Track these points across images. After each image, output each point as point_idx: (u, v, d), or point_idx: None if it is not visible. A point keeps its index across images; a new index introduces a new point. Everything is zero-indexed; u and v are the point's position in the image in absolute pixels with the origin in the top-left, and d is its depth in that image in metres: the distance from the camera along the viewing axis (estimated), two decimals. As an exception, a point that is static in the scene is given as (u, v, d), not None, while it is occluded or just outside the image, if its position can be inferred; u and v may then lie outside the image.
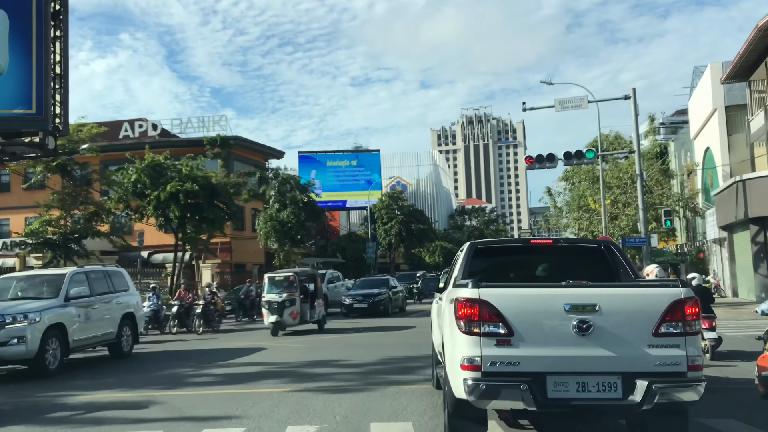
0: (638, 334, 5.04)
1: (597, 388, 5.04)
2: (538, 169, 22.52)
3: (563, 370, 5.06)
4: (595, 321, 5.01)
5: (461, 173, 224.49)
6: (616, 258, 6.76)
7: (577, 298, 5.13)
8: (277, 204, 42.34)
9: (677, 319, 5.04)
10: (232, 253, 45.00)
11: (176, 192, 29.38)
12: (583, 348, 5.03)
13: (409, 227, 59.69)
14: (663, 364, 5.00)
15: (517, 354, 5.06)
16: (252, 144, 48.34)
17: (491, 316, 5.11)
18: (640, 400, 4.91)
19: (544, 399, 5.02)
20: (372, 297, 25.91)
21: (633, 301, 5.19)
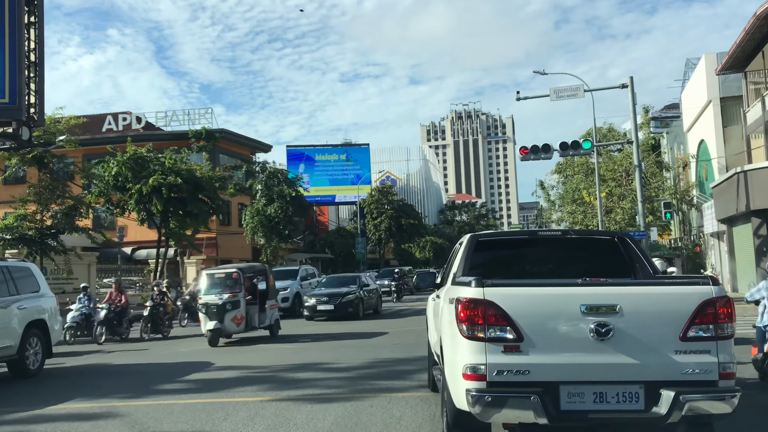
0: (664, 338, 4.50)
1: (616, 399, 4.51)
2: (533, 160, 21.74)
3: (579, 379, 4.52)
4: (615, 324, 4.47)
5: (451, 168, 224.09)
6: (632, 252, 6.11)
7: (594, 298, 4.56)
8: (264, 198, 41.38)
9: (708, 322, 4.47)
10: (217, 248, 43.98)
11: (159, 185, 28.41)
12: (601, 354, 4.48)
13: (399, 222, 58.91)
14: (692, 372, 4.45)
15: (527, 361, 4.53)
16: (239, 137, 47.28)
17: (498, 318, 4.55)
18: (666, 413, 4.38)
19: (557, 411, 4.49)
20: (339, 297, 21.96)
21: (658, 301, 4.59)
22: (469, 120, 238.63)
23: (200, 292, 16.37)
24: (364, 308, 22.70)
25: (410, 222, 60.09)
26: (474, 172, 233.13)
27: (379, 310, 24.53)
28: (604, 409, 4.49)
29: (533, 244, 6.88)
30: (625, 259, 6.12)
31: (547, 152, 21.28)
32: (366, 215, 59.27)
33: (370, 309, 23.68)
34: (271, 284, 17.05)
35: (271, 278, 17.32)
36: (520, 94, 22.52)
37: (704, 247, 35.05)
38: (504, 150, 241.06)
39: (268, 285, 16.81)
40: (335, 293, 22.22)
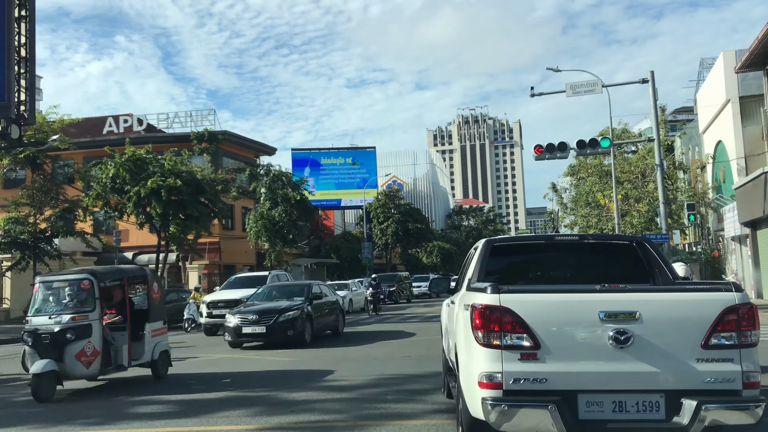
0: (685, 346, 4.37)
1: (636, 408, 4.39)
2: (548, 159, 20.61)
3: (598, 387, 4.40)
4: (635, 331, 4.36)
5: (458, 173, 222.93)
6: (651, 256, 5.89)
7: (614, 304, 4.46)
8: (268, 202, 40.35)
9: (731, 329, 4.34)
10: (220, 253, 42.98)
11: (157, 188, 27.43)
12: (620, 362, 4.37)
13: (405, 227, 57.76)
14: (714, 381, 4.32)
15: (544, 370, 4.41)
16: (242, 139, 46.32)
17: (514, 326, 4.44)
18: (687, 423, 4.24)
19: (575, 421, 4.35)
20: (274, 315, 15.42)
21: (679, 307, 4.47)
22: (476, 125, 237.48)
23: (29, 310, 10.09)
24: (314, 329, 16.28)
25: (417, 226, 58.92)
26: (481, 176, 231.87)
27: (339, 331, 18.19)
28: (623, 419, 4.36)
29: (550, 249, 6.65)
30: (645, 265, 5.90)
31: (563, 151, 20.17)
32: (372, 220, 58.17)
33: (327, 329, 17.61)
34: (156, 298, 11.04)
35: (156, 288, 11.18)
36: (534, 90, 21.44)
37: (724, 251, 33.77)
38: (511, 155, 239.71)
39: (150, 300, 10.91)
40: (269, 309, 15.70)
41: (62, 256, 25.43)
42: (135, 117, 43.43)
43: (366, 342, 15.72)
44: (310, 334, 15.87)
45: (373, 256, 55.43)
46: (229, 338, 15.62)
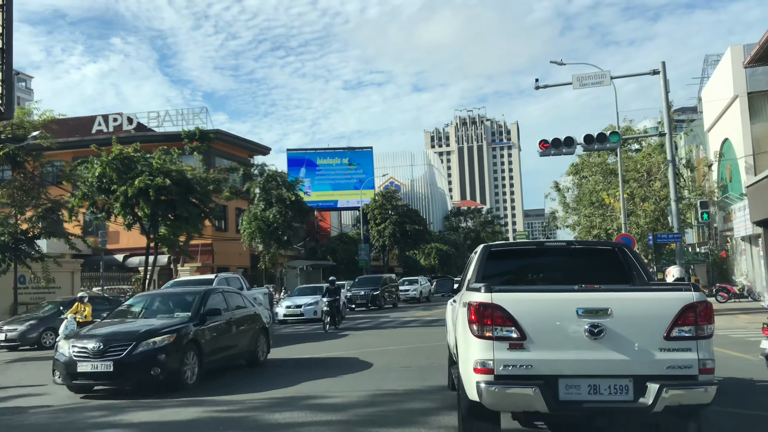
0: (650, 337, 5.01)
1: (609, 391, 5.02)
2: (554, 155, 19.57)
3: (575, 373, 5.02)
4: (608, 325, 5.00)
5: (455, 175, 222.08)
6: (630, 260, 6.65)
7: (589, 302, 5.12)
8: (263, 202, 39.28)
9: (689, 323, 5.01)
10: (213, 255, 41.85)
11: (145, 187, 26.28)
12: (595, 351, 5.00)
13: (403, 228, 56.70)
14: (674, 368, 4.97)
15: (529, 357, 5.02)
16: (235, 139, 45.21)
17: (504, 320, 5.07)
18: (651, 403, 4.89)
19: (556, 401, 4.99)
20: (127, 344, 9.65)
21: (645, 304, 5.17)
22: (474, 126, 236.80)
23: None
24: (208, 361, 10.70)
25: (415, 228, 57.86)
26: (479, 178, 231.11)
27: (258, 359, 12.67)
28: (597, 400, 4.98)
29: (541, 254, 7.43)
30: (624, 267, 6.57)
31: (570, 146, 19.14)
32: (369, 221, 57.11)
33: (236, 358, 12.10)
34: None
35: None
36: (538, 82, 20.42)
37: (732, 252, 32.77)
38: (509, 156, 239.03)
39: None
40: (121, 334, 10.20)
41: (44, 258, 24.30)
42: (125, 116, 42.33)
43: (298, 375, 10.93)
44: (197, 370, 10.31)
45: (370, 258, 54.37)
46: (60, 379, 9.99)
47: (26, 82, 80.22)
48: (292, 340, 18.14)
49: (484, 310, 5.06)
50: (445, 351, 9.06)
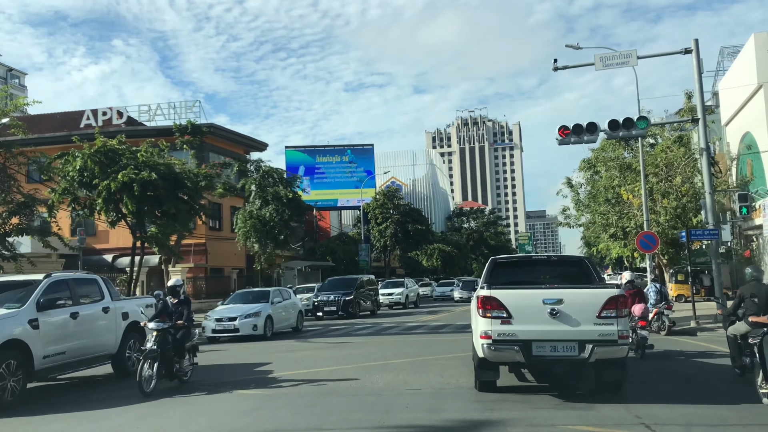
0: (588, 316, 8.11)
1: (563, 349, 8.18)
2: (573, 143, 17.63)
3: (541, 338, 8.20)
4: (561, 309, 8.13)
5: (456, 176, 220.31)
6: (589, 268, 9.83)
7: (550, 295, 8.27)
8: (258, 200, 37.37)
9: (612, 308, 8.08)
10: (207, 255, 39.99)
11: (129, 181, 24.41)
12: (554, 325, 8.15)
13: (405, 228, 54.82)
14: (603, 335, 8.06)
15: (513, 329, 8.22)
16: (230, 133, 43.34)
17: (498, 306, 8.27)
18: (588, 356, 8.05)
19: (530, 356, 8.21)
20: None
21: (585, 296, 8.37)
22: (475, 127, 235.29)
23: None
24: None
25: (417, 228, 55.97)
26: (480, 179, 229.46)
27: None
28: (556, 355, 8.19)
29: (531, 264, 11.07)
30: (586, 272, 9.72)
31: (592, 133, 17.24)
32: (370, 221, 55.22)
33: None
34: None
35: None
36: (557, 62, 18.50)
37: (758, 251, 30.83)
38: (511, 157, 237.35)
39: None
40: None
41: (17, 258, 22.41)
42: (114, 110, 40.47)
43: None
44: None
45: (371, 259, 52.49)
46: None
47: (20, 79, 78.48)
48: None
49: (485, 300, 8.26)
50: (462, 365, 10.85)
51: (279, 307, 21.59)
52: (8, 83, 73.76)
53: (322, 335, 20.23)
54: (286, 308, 22.22)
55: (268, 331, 19.95)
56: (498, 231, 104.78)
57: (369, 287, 31.89)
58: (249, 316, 19.87)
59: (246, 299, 22.01)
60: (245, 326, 19.58)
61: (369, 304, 30.99)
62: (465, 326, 18.12)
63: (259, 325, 19.64)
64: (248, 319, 19.77)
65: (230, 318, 19.88)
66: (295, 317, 22.70)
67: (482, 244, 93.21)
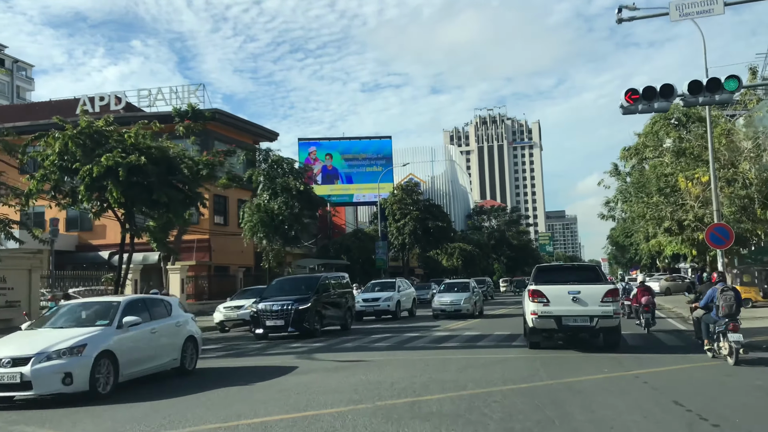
0: (596, 300, 13.31)
1: (580, 321, 13.39)
2: (642, 112, 14.26)
3: (568, 314, 13.37)
4: (579, 297, 13.36)
5: (475, 175, 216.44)
6: (600, 271, 15.66)
7: (572, 288, 13.57)
8: (267, 192, 34.23)
9: (610, 296, 13.35)
10: (210, 252, 36.95)
11: (114, 165, 21.32)
12: (575, 306, 13.37)
13: (425, 225, 51.34)
14: (604, 312, 13.25)
15: (550, 309, 13.39)
16: (237, 121, 40.26)
17: (540, 295, 13.55)
18: (595, 325, 13.32)
19: (561, 325, 13.44)
20: None
21: (594, 289, 13.59)
22: (494, 125, 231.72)
23: None
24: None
25: (438, 225, 52.47)
26: (499, 178, 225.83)
27: None
28: (576, 325, 13.47)
29: (561, 269, 17.72)
30: (598, 274, 15.18)
31: (668, 97, 13.80)
32: (387, 217, 51.84)
33: None
34: None
35: None
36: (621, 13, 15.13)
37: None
38: (530, 156, 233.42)
39: None
40: None
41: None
42: (113, 95, 37.59)
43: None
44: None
45: (388, 258, 49.17)
46: None
47: (26, 71, 76.03)
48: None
49: (534, 291, 13.72)
50: None
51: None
52: (14, 75, 71.41)
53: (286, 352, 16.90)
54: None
55: (189, 363, 13.03)
56: (520, 230, 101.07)
57: (338, 290, 22.57)
58: None
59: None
60: None
61: (338, 314, 21.69)
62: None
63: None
64: None
65: None
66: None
67: (504, 244, 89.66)
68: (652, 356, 12.89)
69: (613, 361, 12.04)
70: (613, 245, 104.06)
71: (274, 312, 19.59)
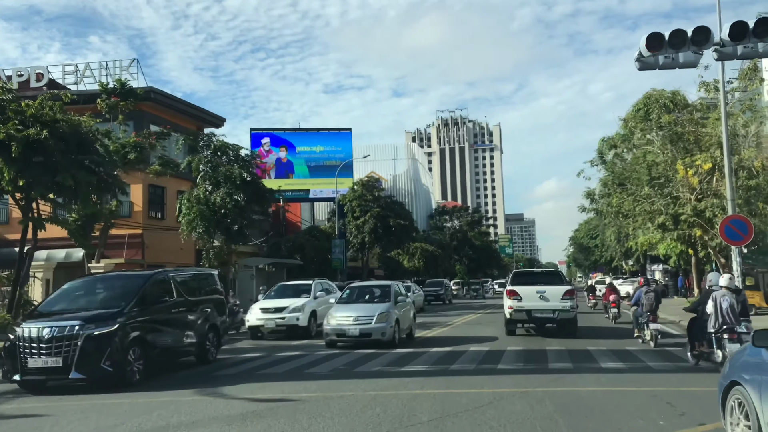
0: (557, 298, 18.19)
1: (547, 314, 18.16)
2: (663, 67, 11.09)
3: (536, 308, 18.21)
4: (545, 295, 18.30)
5: (436, 176, 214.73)
6: (561, 275, 21.03)
7: (540, 289, 18.48)
8: (208, 182, 30.30)
9: (568, 295, 18.36)
10: (143, 249, 32.85)
11: (6, 139, 17.43)
12: (542, 303, 18.19)
13: (386, 223, 47.81)
14: (563, 307, 18.05)
15: (522, 304, 18.28)
16: (177, 102, 36.19)
17: (515, 293, 18.55)
18: (557, 317, 18.14)
19: (531, 317, 18.32)
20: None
21: (557, 289, 18.49)
22: (456, 127, 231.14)
23: None
24: None
25: (400, 223, 49.02)
26: (460, 180, 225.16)
27: None
28: (542, 316, 18.29)
29: (533, 273, 22.99)
30: (560, 277, 20.49)
31: (701, 43, 10.62)
32: (347, 214, 48.22)
33: None
34: None
35: None
36: None
37: None
38: (491, 159, 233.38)
39: None
40: None
41: None
42: (33, 70, 33.12)
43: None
44: None
45: (347, 258, 45.54)
46: None
47: None
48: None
49: (510, 291, 18.80)
50: None
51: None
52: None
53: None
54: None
55: None
56: (482, 231, 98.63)
57: (192, 298, 13.86)
58: None
59: None
60: None
61: (186, 339, 13.24)
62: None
63: None
64: None
65: None
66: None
67: (466, 245, 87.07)
68: (611, 340, 17.36)
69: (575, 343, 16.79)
70: (576, 247, 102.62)
71: (44, 342, 10.76)
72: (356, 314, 16.53)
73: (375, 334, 16.12)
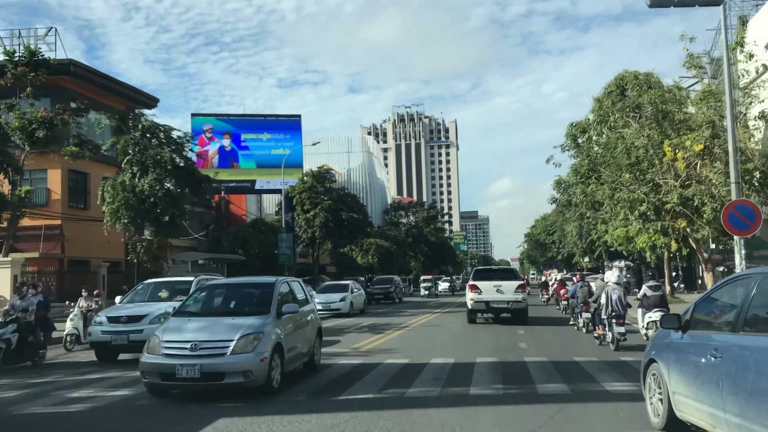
0: (511, 291, 21.07)
1: (502, 304, 21.14)
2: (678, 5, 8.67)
3: (493, 300, 21.16)
4: (501, 288, 21.14)
5: (392, 172, 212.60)
6: (515, 271, 24.32)
7: (497, 284, 21.29)
8: (135, 167, 26.85)
9: (521, 288, 21.34)
10: (63, 242, 29.20)
11: None
12: (498, 295, 21.12)
13: (338, 216, 44.92)
14: (516, 299, 21.02)
15: (482, 297, 21.18)
16: (103, 79, 32.50)
17: (476, 287, 21.34)
18: (510, 307, 21.14)
19: (489, 307, 21.30)
20: None
21: (511, 284, 21.31)
22: (412, 123, 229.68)
23: None
24: None
25: (353, 217, 46.19)
26: (416, 177, 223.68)
27: None
28: (499, 307, 21.28)
29: (491, 270, 26.09)
30: (514, 273, 23.53)
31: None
32: (296, 207, 45.13)
33: None
34: None
35: None
36: None
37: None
38: (447, 155, 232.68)
39: None
40: None
41: None
42: (-67, 39, 29.03)
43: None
44: None
45: (295, 253, 42.45)
46: None
47: None
48: None
49: (471, 285, 21.72)
50: None
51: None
52: None
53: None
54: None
55: None
56: (438, 227, 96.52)
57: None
58: None
59: None
60: None
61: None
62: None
63: None
64: None
65: None
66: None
67: (422, 241, 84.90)
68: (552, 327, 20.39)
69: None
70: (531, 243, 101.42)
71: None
72: (197, 338, 9.10)
73: (230, 376, 8.85)
